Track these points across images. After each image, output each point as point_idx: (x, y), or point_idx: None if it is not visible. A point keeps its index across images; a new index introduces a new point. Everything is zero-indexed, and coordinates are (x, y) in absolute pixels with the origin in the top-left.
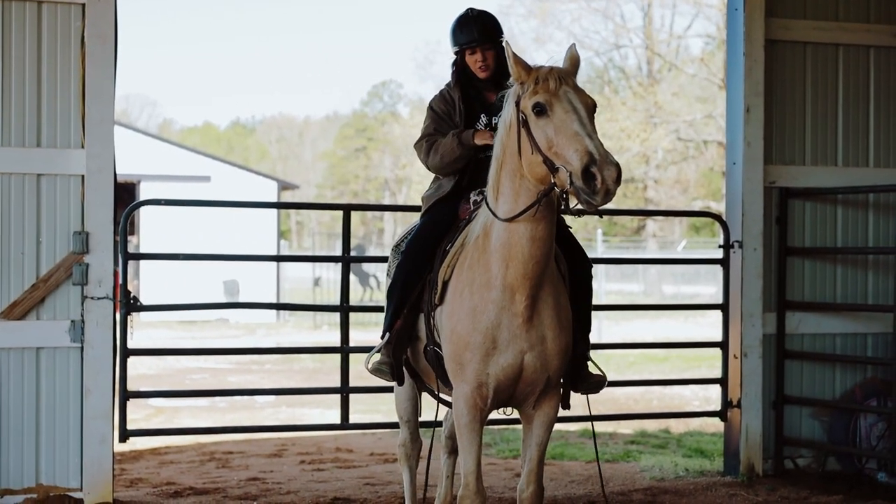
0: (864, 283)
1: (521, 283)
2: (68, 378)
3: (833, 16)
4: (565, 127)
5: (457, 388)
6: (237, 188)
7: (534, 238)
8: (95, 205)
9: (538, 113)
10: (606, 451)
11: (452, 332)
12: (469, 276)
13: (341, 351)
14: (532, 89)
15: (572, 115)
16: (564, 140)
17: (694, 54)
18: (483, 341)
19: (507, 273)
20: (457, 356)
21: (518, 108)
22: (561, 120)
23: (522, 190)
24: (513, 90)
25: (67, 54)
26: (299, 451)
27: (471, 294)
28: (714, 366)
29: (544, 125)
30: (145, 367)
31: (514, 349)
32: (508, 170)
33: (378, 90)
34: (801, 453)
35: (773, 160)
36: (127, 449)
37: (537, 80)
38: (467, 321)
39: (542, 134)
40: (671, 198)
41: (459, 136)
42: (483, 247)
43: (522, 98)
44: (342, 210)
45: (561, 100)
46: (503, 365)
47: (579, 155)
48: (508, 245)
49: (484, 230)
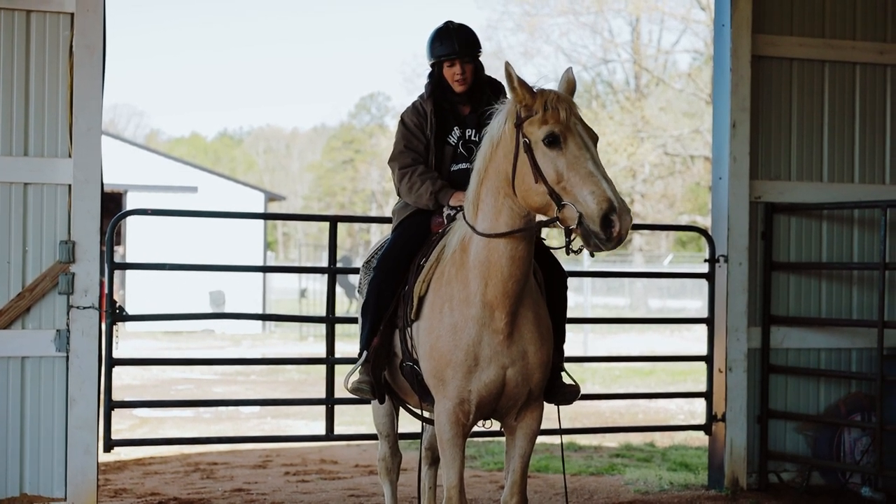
0: (849, 299)
1: (501, 301)
2: (53, 387)
3: (819, 32)
4: (579, 165)
5: (439, 404)
6: (224, 199)
7: (514, 257)
8: (82, 214)
9: (549, 144)
10: (591, 464)
11: (432, 349)
12: (447, 292)
13: (327, 362)
14: (541, 116)
15: (586, 152)
16: (578, 179)
17: (681, 69)
18: (464, 359)
19: (486, 290)
20: (438, 373)
21: (520, 131)
22: (574, 156)
23: (505, 208)
24: (509, 109)
25: (55, 64)
26: (284, 462)
27: (450, 310)
28: (699, 380)
29: (555, 157)
30: (130, 377)
31: (496, 365)
32: (491, 186)
33: (366, 102)
34: (786, 467)
35: (759, 175)
36: (111, 459)
37: (545, 106)
38: (448, 338)
39: (550, 165)
40: (658, 212)
41: (437, 195)
42: (461, 262)
43: (527, 122)
44: (329, 221)
45: (574, 134)
46: (485, 381)
47: (597, 200)
48: (487, 263)
49: (461, 245)
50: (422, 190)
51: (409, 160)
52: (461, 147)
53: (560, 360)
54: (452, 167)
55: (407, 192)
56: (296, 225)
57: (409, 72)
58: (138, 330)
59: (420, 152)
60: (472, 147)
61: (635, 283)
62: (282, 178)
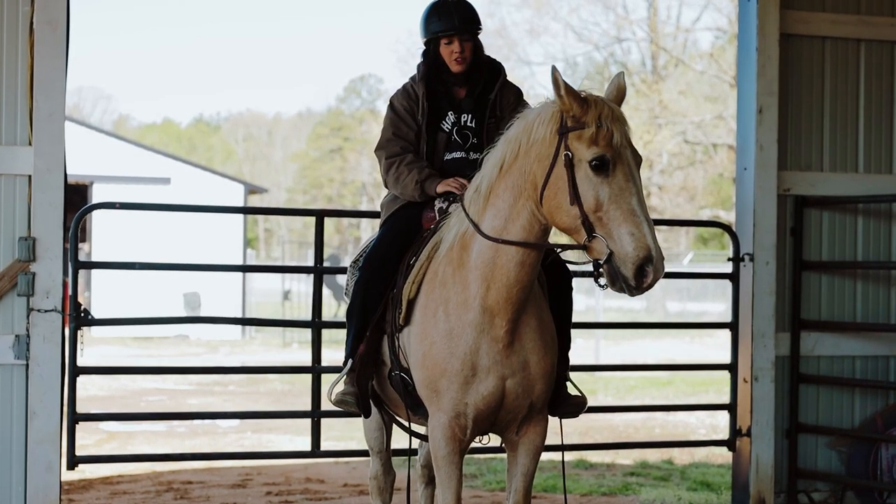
0: (887, 301)
1: (503, 307)
2: (11, 398)
3: (854, 8)
4: (623, 199)
5: (433, 418)
6: (200, 191)
7: (523, 262)
8: (43, 208)
9: (596, 168)
10: (603, 482)
11: (425, 357)
12: (442, 295)
13: (312, 371)
14: (592, 134)
15: (632, 185)
16: (619, 215)
17: (703, 49)
18: (461, 368)
19: (487, 294)
20: (431, 383)
21: (563, 140)
22: (620, 188)
23: (524, 213)
24: (552, 110)
25: (14, 42)
26: (266, 481)
27: (445, 315)
28: (722, 391)
29: (598, 184)
30: (97, 388)
31: (495, 375)
32: (512, 185)
33: (356, 85)
34: (817, 487)
35: (788, 166)
36: (76, 477)
37: (599, 121)
38: (443, 345)
39: (590, 191)
40: (677, 206)
41: (423, 184)
42: (459, 261)
43: (574, 135)
44: (315, 216)
45: (623, 162)
46: (483, 393)
47: (636, 245)
48: (493, 265)
49: (461, 242)
50: (407, 180)
51: (398, 149)
52: (456, 134)
53: (565, 369)
54: (446, 156)
55: (394, 184)
56: (279, 220)
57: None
58: (105, 335)
59: (410, 140)
60: (467, 134)
61: None
62: (263, 168)
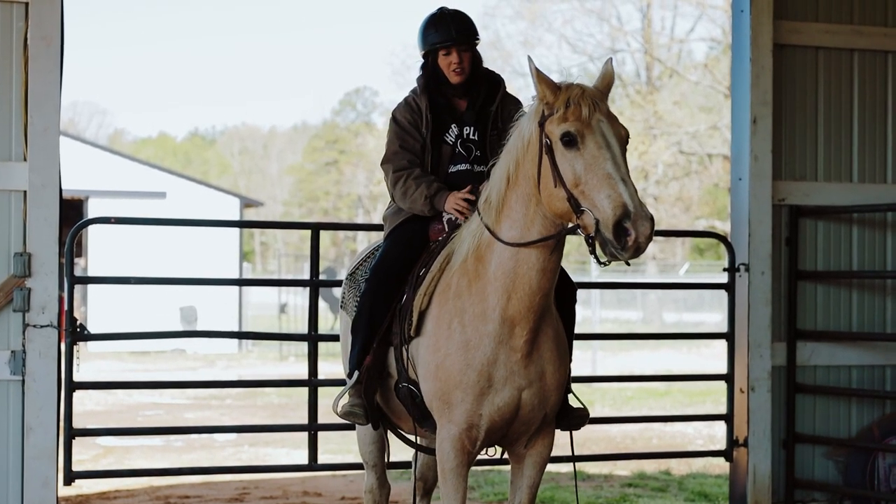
0: (883, 310)
1: (525, 316)
2: (8, 414)
3: (847, 18)
4: (597, 166)
5: (443, 430)
6: (195, 205)
7: (545, 269)
8: (39, 223)
9: (567, 143)
10: (601, 494)
11: (439, 369)
12: (457, 306)
13: (309, 384)
14: (561, 114)
15: (605, 151)
16: (595, 181)
17: (697, 60)
18: (477, 379)
19: (508, 304)
20: (444, 395)
21: (542, 130)
22: (592, 156)
23: (538, 218)
24: (534, 107)
25: (8, 57)
26: (263, 494)
27: (461, 326)
28: (719, 401)
29: (572, 158)
30: (93, 403)
31: (511, 387)
32: (522, 193)
33: (351, 98)
34: (814, 497)
35: (783, 175)
36: (72, 493)
37: (567, 102)
38: (458, 356)
39: (568, 168)
40: (672, 217)
41: (432, 199)
42: (476, 273)
43: (549, 121)
44: (311, 229)
45: (594, 132)
46: (499, 405)
47: (612, 204)
48: (514, 274)
49: (476, 254)
50: (416, 195)
51: (405, 162)
52: (460, 146)
53: (569, 381)
54: (450, 168)
55: (402, 198)
56: (275, 233)
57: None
58: (102, 350)
59: (416, 152)
60: (471, 146)
61: (648, 294)
62: (259, 181)
